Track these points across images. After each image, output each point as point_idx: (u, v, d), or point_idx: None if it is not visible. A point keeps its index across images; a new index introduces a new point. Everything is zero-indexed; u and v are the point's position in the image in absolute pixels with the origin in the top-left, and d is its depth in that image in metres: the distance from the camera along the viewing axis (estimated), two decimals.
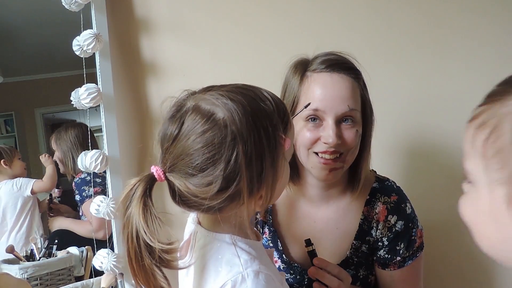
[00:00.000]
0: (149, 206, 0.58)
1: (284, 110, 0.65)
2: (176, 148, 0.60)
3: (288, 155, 0.67)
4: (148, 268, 0.57)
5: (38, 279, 1.24)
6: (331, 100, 0.87)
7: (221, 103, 0.59)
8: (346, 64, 0.91)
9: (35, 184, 1.42)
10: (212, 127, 0.58)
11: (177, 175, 0.59)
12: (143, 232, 0.56)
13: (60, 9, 1.26)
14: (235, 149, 0.57)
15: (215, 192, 0.58)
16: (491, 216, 0.44)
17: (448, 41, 1.39)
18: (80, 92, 1.24)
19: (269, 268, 0.63)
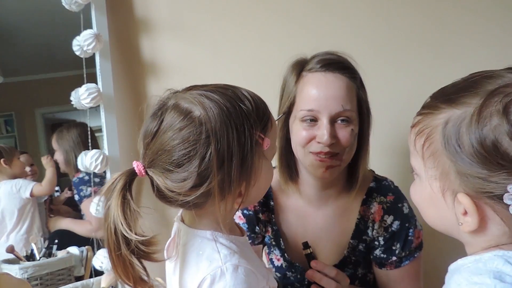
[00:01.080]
0: (128, 200, 0.59)
1: (264, 110, 0.66)
2: (155, 144, 0.62)
3: (269, 155, 0.67)
4: (126, 259, 0.58)
5: (38, 279, 1.24)
6: (325, 100, 0.87)
7: (198, 102, 0.61)
8: (342, 63, 0.91)
9: (34, 188, 1.41)
10: (189, 125, 0.60)
11: (156, 170, 0.61)
12: (120, 224, 0.57)
13: (60, 9, 1.27)
14: (210, 146, 0.59)
15: (189, 188, 0.59)
16: (432, 202, 0.56)
17: (447, 41, 1.39)
18: (80, 92, 1.24)
19: (251, 262, 0.64)
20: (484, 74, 0.53)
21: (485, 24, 1.40)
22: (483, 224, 0.51)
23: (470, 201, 0.50)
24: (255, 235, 1.05)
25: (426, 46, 1.39)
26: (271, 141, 0.66)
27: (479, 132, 0.48)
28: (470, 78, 0.54)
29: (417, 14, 1.40)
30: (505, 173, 0.46)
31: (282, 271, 1.04)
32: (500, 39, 1.38)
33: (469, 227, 0.51)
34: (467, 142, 0.49)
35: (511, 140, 0.46)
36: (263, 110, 0.66)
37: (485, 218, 0.50)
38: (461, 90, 0.53)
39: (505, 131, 0.46)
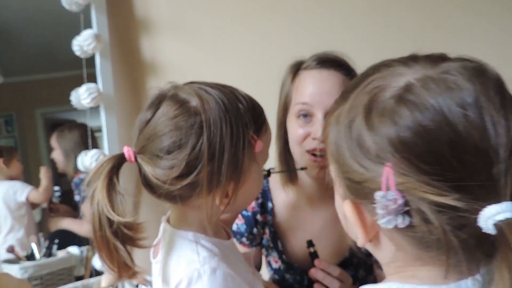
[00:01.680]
0: (114, 183, 0.59)
1: (260, 112, 0.66)
2: (148, 130, 0.61)
3: (261, 160, 0.66)
4: (110, 242, 0.58)
5: (39, 279, 1.24)
6: (319, 95, 0.88)
7: (196, 93, 0.61)
8: (337, 61, 0.91)
9: (31, 194, 1.41)
10: (184, 113, 0.60)
11: (145, 156, 0.61)
12: (104, 205, 0.57)
13: (60, 9, 1.27)
14: (201, 137, 0.58)
15: (176, 177, 0.58)
16: (340, 210, 0.49)
17: (446, 42, 1.39)
18: (80, 92, 1.24)
19: (233, 267, 0.63)
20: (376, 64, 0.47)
21: (485, 24, 1.40)
22: (378, 238, 0.44)
23: (353, 210, 0.44)
24: (253, 237, 1.05)
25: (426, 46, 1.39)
26: (264, 145, 0.65)
27: (347, 130, 0.43)
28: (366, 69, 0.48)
29: (417, 15, 1.40)
30: (372, 177, 0.40)
31: (280, 273, 1.04)
32: (500, 39, 1.38)
33: (360, 241, 0.45)
34: (341, 141, 0.44)
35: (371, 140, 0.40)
36: (259, 113, 0.66)
37: (375, 231, 0.44)
38: (353, 82, 0.48)
39: (365, 130, 0.41)
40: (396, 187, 0.38)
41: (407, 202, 0.38)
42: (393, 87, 0.41)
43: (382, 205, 0.39)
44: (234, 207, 0.65)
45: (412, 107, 0.38)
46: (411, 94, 0.39)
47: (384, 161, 0.39)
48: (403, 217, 0.38)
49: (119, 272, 0.60)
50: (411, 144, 0.38)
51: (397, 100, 0.39)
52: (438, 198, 0.36)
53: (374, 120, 0.40)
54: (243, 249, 1.06)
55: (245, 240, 1.05)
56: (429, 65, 0.41)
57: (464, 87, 0.38)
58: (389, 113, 0.39)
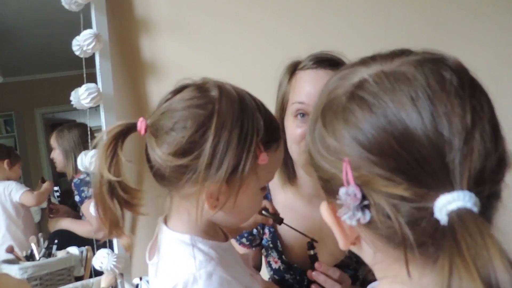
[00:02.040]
0: (117, 145, 0.60)
1: (275, 128, 0.66)
2: (164, 106, 0.63)
3: (262, 176, 0.64)
4: (106, 199, 0.60)
5: (38, 279, 1.24)
6: (316, 94, 0.87)
7: (219, 86, 0.63)
8: (334, 60, 0.91)
9: (23, 195, 1.41)
10: (199, 97, 0.61)
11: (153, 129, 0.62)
12: (102, 160, 0.59)
13: (60, 9, 1.26)
14: (207, 124, 0.59)
15: (173, 153, 0.59)
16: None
17: (446, 42, 1.39)
18: (80, 92, 1.24)
19: (230, 270, 0.62)
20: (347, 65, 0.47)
21: (484, 24, 1.40)
22: (359, 240, 0.44)
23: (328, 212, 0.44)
24: (252, 237, 1.05)
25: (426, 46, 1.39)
26: (270, 162, 0.64)
27: (312, 130, 0.44)
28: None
29: (416, 14, 1.40)
30: (335, 175, 0.41)
31: (280, 273, 1.03)
32: (499, 39, 1.38)
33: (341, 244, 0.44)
34: (309, 142, 0.45)
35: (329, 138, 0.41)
36: (274, 128, 0.66)
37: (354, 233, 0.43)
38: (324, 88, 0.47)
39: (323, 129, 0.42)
40: (354, 182, 0.38)
41: (365, 196, 0.38)
42: (346, 86, 0.41)
43: (343, 201, 0.39)
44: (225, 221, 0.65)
45: (362, 103, 0.39)
46: (362, 90, 0.39)
47: (342, 157, 0.39)
48: (363, 212, 0.38)
49: (109, 229, 0.62)
50: (363, 139, 0.38)
51: (349, 98, 0.40)
52: (391, 189, 0.36)
53: (328, 120, 0.41)
54: (243, 250, 1.06)
55: (245, 240, 1.05)
56: (385, 61, 0.41)
57: (416, 79, 0.38)
58: (341, 111, 0.40)
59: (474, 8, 1.40)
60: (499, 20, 1.40)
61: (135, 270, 1.35)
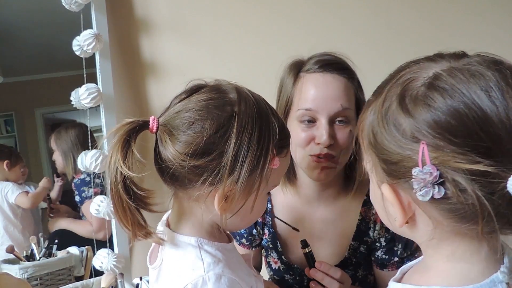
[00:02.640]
0: (131, 142, 0.59)
1: (286, 135, 0.67)
2: (178, 106, 0.62)
3: (271, 180, 0.65)
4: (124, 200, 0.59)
5: (38, 279, 1.24)
6: (323, 100, 0.87)
7: (236, 89, 0.63)
8: (339, 64, 0.91)
9: (18, 197, 1.41)
10: (218, 99, 0.61)
11: (167, 128, 0.61)
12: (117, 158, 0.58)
13: (60, 9, 1.26)
14: (228, 124, 0.59)
15: (190, 153, 0.58)
16: (377, 199, 0.55)
17: (446, 42, 1.38)
18: (80, 92, 1.24)
19: (237, 271, 0.63)
20: (405, 63, 0.53)
21: (485, 24, 1.40)
22: (414, 218, 0.50)
23: (391, 192, 0.49)
24: (252, 238, 1.05)
25: (426, 47, 1.38)
26: (280, 167, 0.64)
27: (383, 117, 0.48)
28: (396, 69, 0.54)
29: (416, 14, 1.40)
30: (408, 156, 0.45)
31: (280, 274, 1.03)
32: (499, 39, 1.38)
33: (398, 222, 0.50)
34: (377, 130, 0.49)
35: (406, 123, 0.46)
36: (286, 134, 0.67)
37: (412, 211, 0.49)
38: (385, 80, 0.53)
39: (401, 115, 0.46)
40: (430, 162, 0.44)
41: (442, 174, 0.44)
42: (423, 78, 0.47)
43: (419, 179, 0.44)
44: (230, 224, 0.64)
45: (442, 92, 0.44)
46: (439, 81, 0.45)
47: (419, 140, 0.44)
48: (438, 188, 0.44)
49: (133, 231, 0.61)
50: (444, 122, 0.43)
51: (428, 87, 0.46)
52: (471, 165, 0.42)
53: (408, 105, 0.46)
54: (243, 250, 1.06)
55: (245, 241, 1.05)
56: (452, 59, 0.48)
57: (485, 74, 0.44)
58: (422, 97, 0.45)
59: (474, 8, 1.40)
60: (499, 20, 1.40)
61: (135, 270, 1.35)
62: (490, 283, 0.46)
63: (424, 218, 0.48)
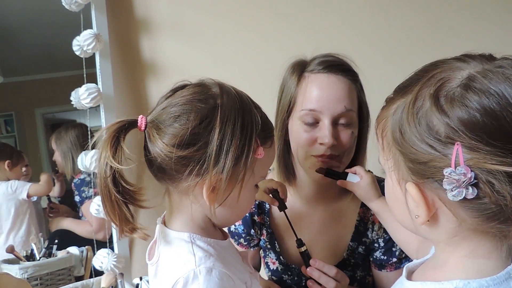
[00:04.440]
0: (120, 139, 0.61)
1: (270, 126, 0.69)
2: (164, 103, 0.65)
3: (257, 171, 0.66)
4: (113, 194, 0.60)
5: (38, 279, 1.24)
6: (327, 100, 0.87)
7: (218, 84, 0.66)
8: (343, 65, 0.91)
9: (31, 188, 1.41)
10: (201, 93, 0.64)
11: (154, 124, 0.63)
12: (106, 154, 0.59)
13: (60, 9, 1.27)
14: (210, 116, 0.61)
15: (177, 144, 0.60)
16: (395, 196, 0.54)
17: (447, 42, 1.39)
18: (80, 92, 1.24)
19: (229, 266, 0.64)
20: (432, 62, 0.53)
21: (485, 24, 1.39)
22: (436, 217, 0.50)
23: (417, 191, 0.49)
24: (250, 238, 1.05)
25: (426, 47, 1.39)
26: (265, 157, 0.66)
27: (414, 117, 0.48)
28: (421, 68, 0.54)
29: (417, 15, 1.40)
30: (440, 157, 0.46)
31: (278, 274, 1.03)
32: (500, 39, 1.37)
33: (421, 220, 0.50)
34: (406, 128, 0.49)
35: (441, 123, 0.46)
36: (269, 127, 0.69)
37: (436, 209, 0.49)
38: (410, 79, 0.54)
39: (435, 115, 0.46)
40: (464, 163, 0.44)
41: (476, 175, 0.44)
42: (457, 78, 0.47)
43: (451, 180, 0.44)
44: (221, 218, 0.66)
45: (479, 93, 0.44)
46: (475, 83, 0.45)
47: (454, 140, 0.45)
48: (472, 189, 0.44)
49: (120, 225, 0.62)
50: (481, 124, 0.43)
51: (464, 88, 0.46)
52: (507, 168, 0.42)
53: (444, 106, 0.46)
54: (241, 250, 1.06)
55: (243, 241, 1.05)
56: (484, 61, 0.48)
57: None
58: (459, 98, 0.45)
59: (474, 8, 1.40)
60: (498, 20, 1.39)
61: (135, 270, 1.35)
62: (506, 275, 0.48)
63: (448, 216, 0.48)
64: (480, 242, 0.48)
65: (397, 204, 0.55)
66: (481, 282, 0.47)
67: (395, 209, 0.57)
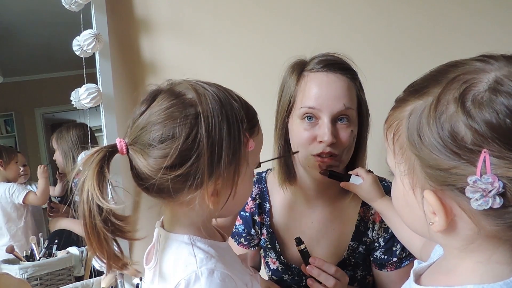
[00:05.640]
0: (104, 171, 0.59)
1: (253, 113, 0.67)
2: (141, 121, 0.61)
3: (251, 161, 0.66)
4: (101, 232, 0.58)
5: (38, 279, 1.24)
6: (326, 98, 0.87)
7: (192, 87, 0.61)
8: (342, 64, 0.91)
9: (27, 196, 1.41)
10: (178, 104, 0.60)
11: (137, 147, 0.60)
12: (93, 192, 0.57)
13: (60, 9, 1.26)
14: (196, 127, 0.58)
15: (168, 166, 0.58)
16: (405, 200, 0.53)
17: (447, 42, 1.39)
18: (80, 92, 1.24)
19: (230, 268, 0.63)
20: (450, 63, 0.50)
21: (485, 24, 1.39)
22: (453, 224, 0.48)
23: (436, 198, 0.47)
24: (251, 238, 1.05)
25: (426, 47, 1.38)
26: (256, 147, 0.65)
27: (436, 121, 0.46)
28: (437, 68, 0.51)
29: (417, 14, 1.40)
30: (464, 164, 0.43)
31: (278, 274, 1.03)
32: (501, 40, 1.37)
33: (438, 227, 0.48)
34: (426, 132, 0.46)
35: (467, 128, 0.43)
36: (253, 113, 0.67)
37: (454, 216, 0.47)
38: (426, 80, 0.51)
39: (461, 119, 0.44)
40: (491, 171, 0.42)
41: (504, 184, 0.42)
42: (484, 82, 0.44)
43: (478, 188, 0.42)
44: (224, 210, 0.66)
45: (508, 97, 0.42)
46: (504, 86, 0.43)
47: (481, 147, 0.42)
48: (499, 199, 0.42)
49: (108, 263, 0.60)
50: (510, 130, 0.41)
51: (493, 92, 0.43)
52: None
53: (472, 110, 0.43)
54: (241, 250, 1.06)
55: (243, 240, 1.05)
56: (509, 63, 0.46)
57: None
58: (487, 103, 0.43)
59: (475, 8, 1.40)
60: (500, 21, 1.39)
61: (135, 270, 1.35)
62: None
63: (466, 223, 0.46)
64: (497, 249, 0.47)
65: (407, 209, 0.53)
66: (495, 286, 0.46)
67: (405, 214, 0.55)
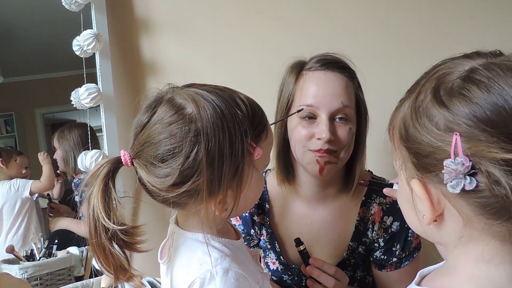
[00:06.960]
0: (109, 188, 0.59)
1: (260, 118, 0.65)
2: (143, 136, 0.61)
3: (260, 165, 0.65)
4: (106, 247, 0.58)
5: (38, 279, 1.24)
6: (324, 96, 0.88)
7: (192, 99, 0.60)
8: (341, 63, 0.92)
9: (33, 185, 1.41)
10: (178, 120, 0.59)
11: (141, 162, 0.61)
12: (98, 211, 0.57)
13: (60, 9, 1.26)
14: (196, 145, 0.58)
15: (171, 185, 0.58)
16: (404, 197, 0.54)
17: (444, 44, 1.39)
18: (80, 92, 1.24)
19: (244, 267, 0.63)
20: (441, 61, 0.52)
21: (482, 26, 1.39)
22: (442, 216, 0.49)
23: (420, 186, 0.48)
24: (250, 238, 1.05)
25: (423, 48, 1.38)
26: (264, 151, 0.65)
27: (416, 111, 0.48)
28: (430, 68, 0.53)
29: (414, 16, 1.40)
30: (440, 148, 0.45)
31: (278, 274, 1.04)
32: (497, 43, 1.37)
33: (427, 219, 0.49)
34: (409, 123, 0.49)
35: (440, 114, 0.46)
36: (259, 118, 0.65)
37: (442, 209, 0.48)
38: (418, 79, 0.53)
39: (434, 106, 0.46)
40: (463, 152, 0.43)
41: (474, 165, 0.43)
42: (458, 71, 0.47)
43: (450, 170, 0.44)
44: (235, 212, 0.65)
45: (478, 84, 0.44)
46: (476, 74, 0.45)
47: (453, 130, 0.44)
48: (470, 179, 0.43)
49: (115, 275, 0.61)
50: (480, 113, 0.43)
51: (464, 79, 0.46)
52: (507, 155, 0.41)
53: (443, 97, 0.46)
54: (251, 249, 1.06)
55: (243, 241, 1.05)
56: (489, 57, 0.48)
57: None
58: (457, 89, 0.45)
59: (471, 10, 1.40)
60: (496, 24, 1.39)
61: None
62: None
63: (454, 215, 0.47)
64: (489, 245, 0.47)
65: (406, 205, 0.54)
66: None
67: (405, 210, 0.56)
